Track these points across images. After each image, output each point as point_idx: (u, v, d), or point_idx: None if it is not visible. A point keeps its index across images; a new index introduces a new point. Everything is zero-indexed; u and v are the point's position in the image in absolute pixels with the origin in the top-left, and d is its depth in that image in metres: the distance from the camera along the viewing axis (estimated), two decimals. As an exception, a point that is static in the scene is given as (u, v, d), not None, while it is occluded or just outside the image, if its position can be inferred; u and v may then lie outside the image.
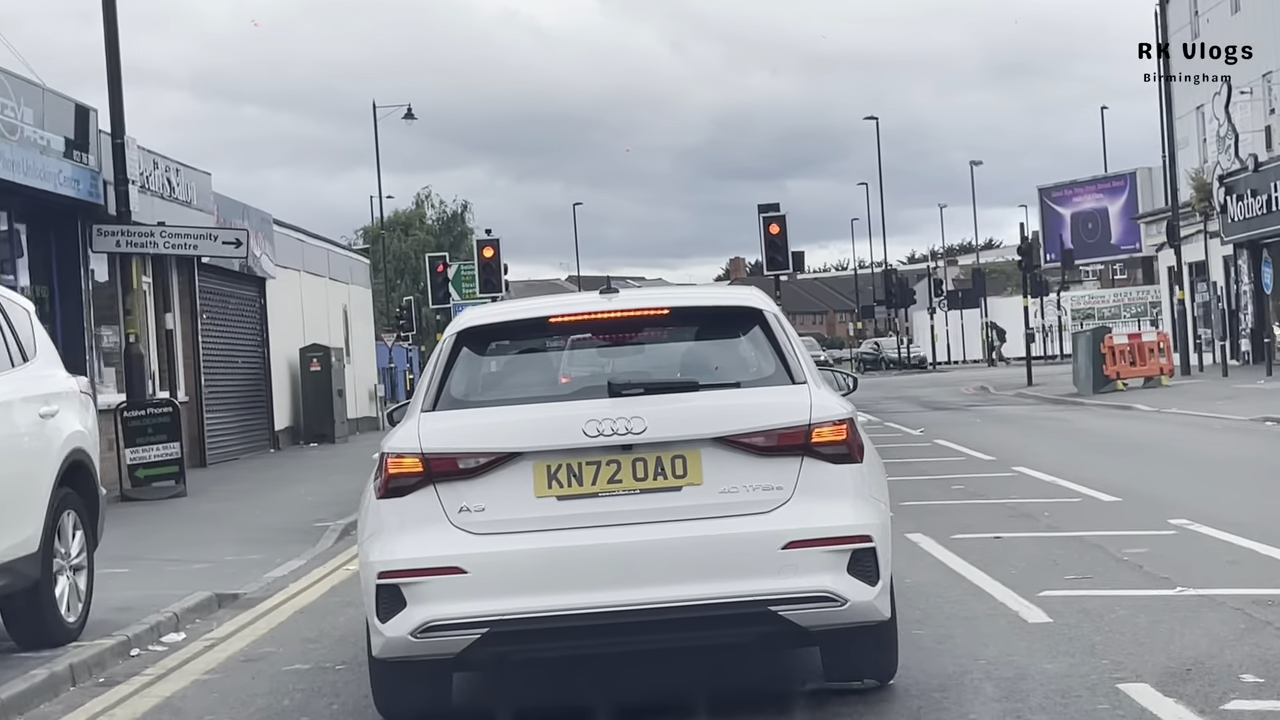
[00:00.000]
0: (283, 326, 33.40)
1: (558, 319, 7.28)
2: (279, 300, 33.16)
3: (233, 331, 30.45)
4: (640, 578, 6.44)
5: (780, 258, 40.09)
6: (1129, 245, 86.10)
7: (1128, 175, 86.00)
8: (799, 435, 6.60)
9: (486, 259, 41.02)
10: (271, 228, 32.41)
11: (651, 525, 6.50)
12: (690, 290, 10.44)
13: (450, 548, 6.50)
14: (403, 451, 6.67)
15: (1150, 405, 31.48)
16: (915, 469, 20.75)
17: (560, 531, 6.51)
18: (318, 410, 33.86)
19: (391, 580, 6.53)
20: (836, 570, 6.52)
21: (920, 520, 14.65)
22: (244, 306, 31.32)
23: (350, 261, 41.58)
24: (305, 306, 35.56)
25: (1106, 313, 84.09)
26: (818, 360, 9.24)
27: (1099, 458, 20.97)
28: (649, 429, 6.52)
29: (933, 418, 33.47)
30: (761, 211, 41.37)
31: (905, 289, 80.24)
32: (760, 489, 6.56)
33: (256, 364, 31.87)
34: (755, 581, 6.45)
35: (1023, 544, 12.92)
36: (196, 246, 21.93)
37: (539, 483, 6.54)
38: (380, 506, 6.70)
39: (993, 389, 48.29)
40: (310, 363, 33.87)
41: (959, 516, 14.95)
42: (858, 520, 6.60)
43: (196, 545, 16.08)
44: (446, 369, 7.02)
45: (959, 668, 8.00)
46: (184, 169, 25.90)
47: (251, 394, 31.28)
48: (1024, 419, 31.51)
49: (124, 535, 15.78)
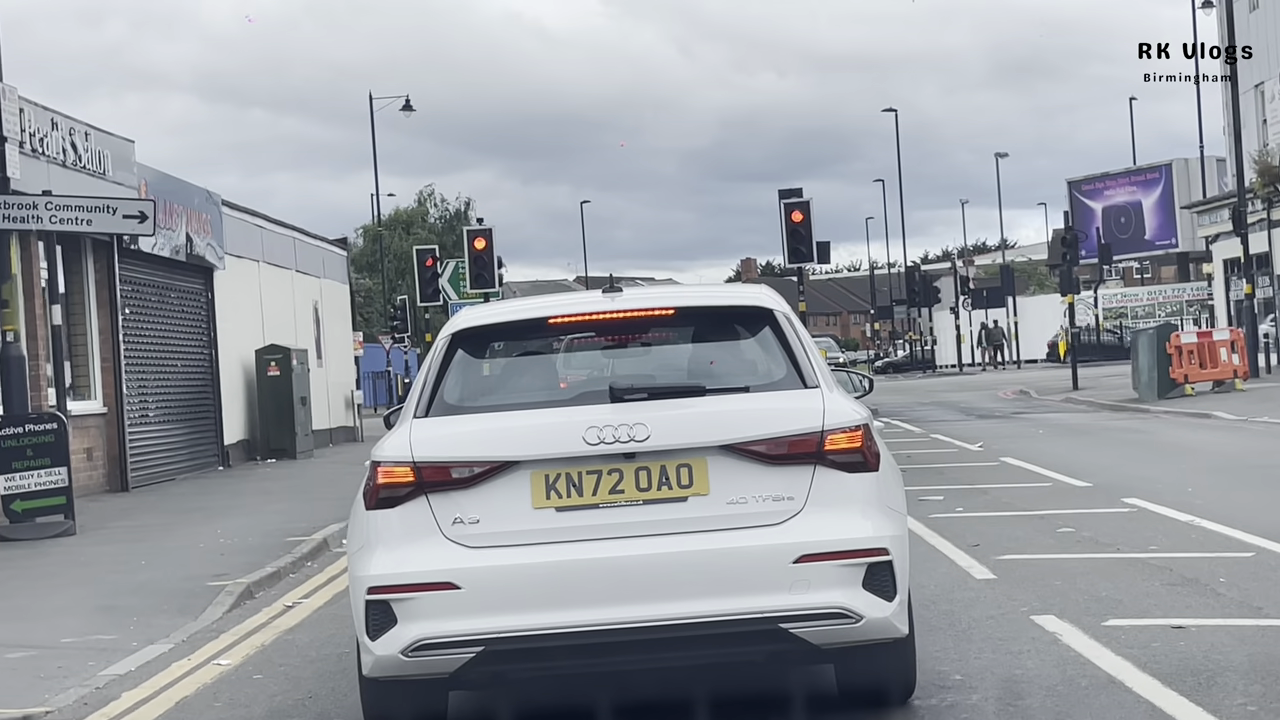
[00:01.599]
0: (236, 324, 29.03)
1: (558, 319, 7.09)
2: (231, 294, 28.81)
3: (169, 329, 26.04)
4: (643, 593, 6.25)
5: (804, 249, 36.30)
6: (1164, 240, 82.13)
7: (1163, 167, 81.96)
8: (811, 442, 6.41)
9: (478, 251, 37.10)
10: (219, 209, 28.04)
11: (655, 538, 6.34)
12: (697, 289, 9.31)
13: (443, 562, 6.33)
14: (393, 460, 6.48)
15: (1233, 413, 27.26)
16: (995, 499, 16.33)
17: (559, 545, 6.34)
18: (276, 421, 29.47)
19: (381, 596, 6.33)
20: (851, 585, 6.30)
21: (1046, 591, 10.31)
22: (185, 300, 26.92)
23: (323, 252, 37.16)
24: (265, 301, 31.19)
25: (1140, 312, 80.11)
26: (834, 363, 8.38)
27: (1230, 486, 16.56)
28: (653, 436, 6.36)
29: (984, 428, 29.09)
30: (783, 197, 37.55)
31: (929, 287, 75.86)
32: (770, 499, 6.39)
33: (201, 368, 27.48)
34: (765, 597, 6.25)
35: (1222, 639, 8.50)
36: (90, 221, 17.57)
37: (537, 493, 6.40)
38: (370, 518, 6.48)
39: (1035, 393, 44.50)
40: (267, 366, 29.49)
41: (1096, 584, 10.55)
42: (874, 532, 6.39)
43: (35, 617, 11.87)
44: (440, 373, 6.82)
45: None
46: (96, 132, 21.56)
47: (193, 403, 26.88)
48: (1092, 430, 27.08)
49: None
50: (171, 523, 18.07)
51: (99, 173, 21.29)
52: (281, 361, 29.52)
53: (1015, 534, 13.40)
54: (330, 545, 15.61)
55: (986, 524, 14.23)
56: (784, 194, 37.75)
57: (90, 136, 21.21)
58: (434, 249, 44.27)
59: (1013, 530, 13.66)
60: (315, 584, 13.25)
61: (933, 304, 76.85)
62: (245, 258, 30.10)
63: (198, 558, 14.62)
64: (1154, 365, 34.72)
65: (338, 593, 12.61)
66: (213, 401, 27.65)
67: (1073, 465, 19.48)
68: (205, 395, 27.45)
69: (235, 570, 13.48)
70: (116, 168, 22.01)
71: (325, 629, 10.86)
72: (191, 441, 26.58)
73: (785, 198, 37.13)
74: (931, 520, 14.58)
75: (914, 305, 77.63)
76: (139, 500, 21.38)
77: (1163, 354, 34.62)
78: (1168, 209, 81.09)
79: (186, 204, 25.91)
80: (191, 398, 26.80)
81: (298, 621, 11.34)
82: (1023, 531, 13.56)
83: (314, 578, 13.64)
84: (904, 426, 30.79)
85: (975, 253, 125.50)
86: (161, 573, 13.74)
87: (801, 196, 36.96)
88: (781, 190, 37.98)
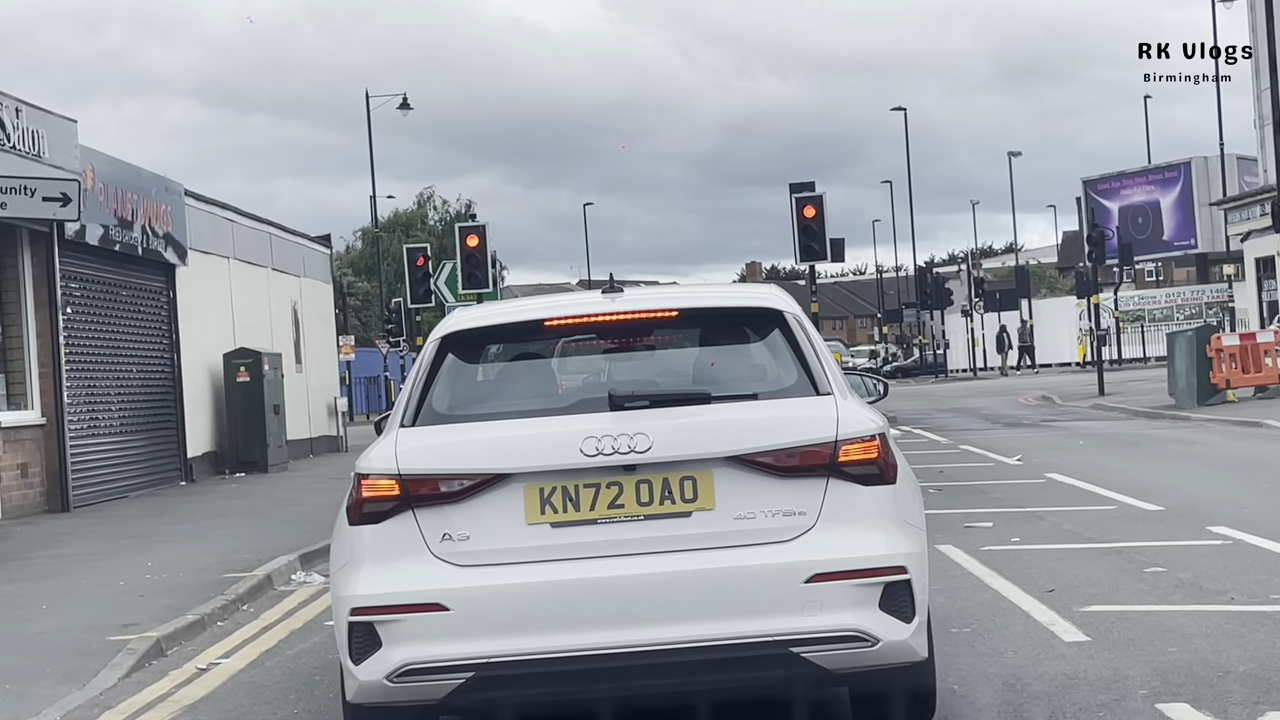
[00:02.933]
0: (202, 325, 26.67)
1: (554, 322, 6.73)
2: (197, 292, 26.44)
3: (122, 331, 23.64)
4: (644, 615, 5.93)
5: (817, 246, 34.26)
6: (1183, 241, 79.76)
7: (1181, 165, 79.65)
8: (824, 453, 6.08)
9: (471, 249, 34.79)
10: (182, 200, 25.66)
11: (657, 556, 6.00)
12: (703, 289, 8.66)
13: (430, 581, 6.01)
14: (377, 472, 6.15)
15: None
16: (1054, 526, 13.96)
17: (554, 563, 6.01)
18: (246, 431, 27.08)
19: (365, 617, 6.03)
20: (867, 606, 5.95)
21: (1163, 664, 7.96)
22: (142, 299, 24.52)
23: (303, 250, 34.76)
24: (237, 301, 28.83)
25: (1158, 314, 77.81)
26: (844, 367, 8.01)
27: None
28: (655, 447, 6.03)
29: (1017, 438, 26.72)
30: (794, 192, 35.34)
31: (941, 289, 73.47)
32: (780, 514, 6.03)
33: (160, 373, 25.08)
34: (774, 619, 5.90)
35: None
36: (4, 205, 15.15)
37: (530, 508, 6.07)
38: (353, 534, 6.17)
39: (1059, 399, 42.15)
40: (236, 371, 27.11)
41: (1225, 652, 8.20)
42: (891, 549, 6.03)
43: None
44: (429, 379, 6.49)
45: None
46: (30, 109, 19.18)
47: (151, 412, 24.48)
48: (1137, 440, 24.69)
49: None
50: (101, 552, 15.70)
51: (33, 154, 18.90)
52: (252, 366, 27.13)
53: (1093, 575, 11.04)
54: (275, 582, 13.29)
55: (1053, 560, 11.88)
56: (795, 188, 35.57)
57: (22, 113, 18.83)
58: (425, 248, 41.87)
59: (1089, 569, 11.30)
60: (243, 636, 10.92)
61: (945, 306, 74.43)
62: (213, 254, 27.73)
63: (112, 600, 12.27)
64: (1193, 369, 32.45)
65: (266, 650, 10.31)
66: (174, 410, 25.26)
67: (1131, 483, 17.16)
68: (165, 404, 25.07)
69: (150, 618, 11.16)
70: (54, 149, 19.62)
71: (236, 706, 8.55)
72: (150, 455, 24.20)
73: (797, 192, 34.99)
74: (986, 555, 12.24)
75: (925, 308, 75.21)
76: (77, 523, 19.01)
77: (1202, 357, 32.39)
78: (1186, 208, 78.81)
79: (142, 193, 23.55)
80: (149, 406, 24.41)
81: (205, 693, 9.02)
82: (1102, 571, 11.19)
83: (244, 627, 11.31)
84: (927, 436, 28.43)
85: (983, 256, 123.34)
86: (61, 620, 11.39)
87: (814, 191, 34.85)
88: (793, 184, 35.81)
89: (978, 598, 10.34)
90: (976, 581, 10.98)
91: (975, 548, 12.69)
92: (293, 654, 10.10)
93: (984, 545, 12.83)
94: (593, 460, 6.04)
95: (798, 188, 35.60)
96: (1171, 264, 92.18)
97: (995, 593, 10.49)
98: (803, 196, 34.49)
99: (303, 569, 14.06)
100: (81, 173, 20.57)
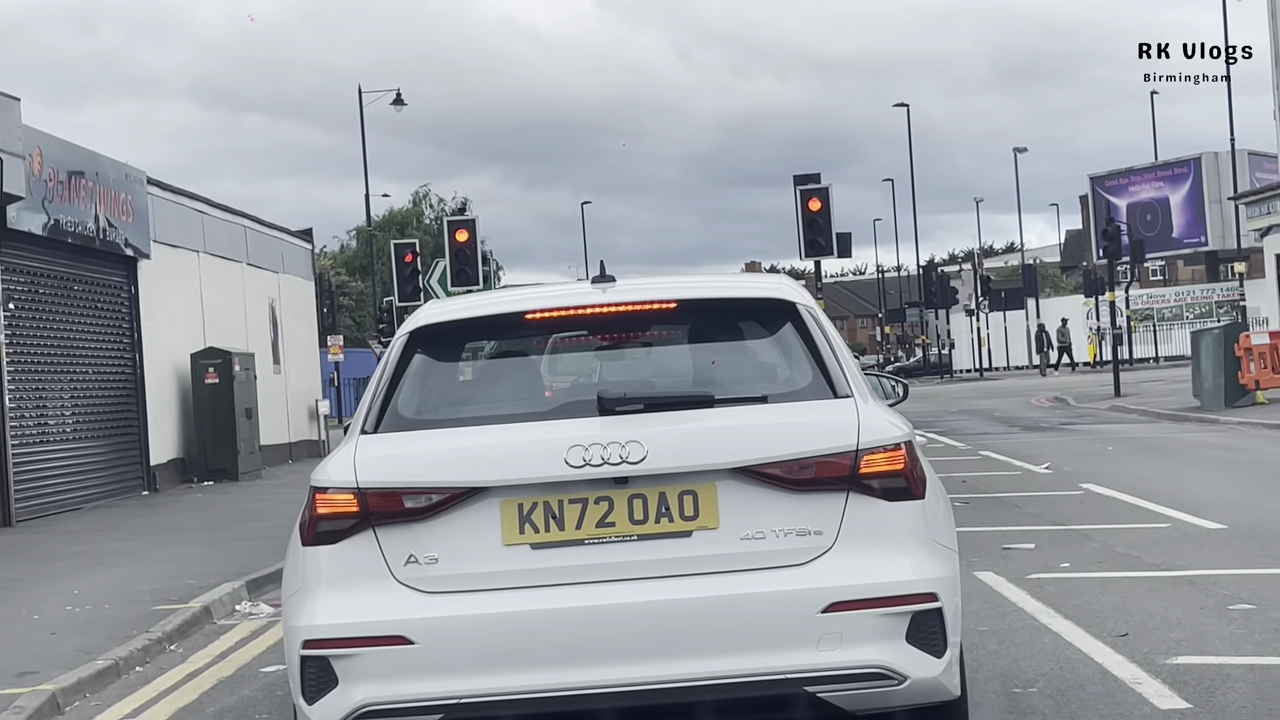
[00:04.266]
0: (168, 324, 24.93)
1: (537, 315, 6.04)
2: (162, 288, 24.71)
3: (75, 329, 21.87)
4: (637, 650, 5.28)
5: (822, 240, 32.77)
6: (1193, 238, 78.15)
7: (1191, 161, 78.00)
8: (844, 464, 5.41)
9: (460, 244, 33.37)
10: (144, 189, 23.90)
11: (652, 582, 5.34)
12: (705, 279, 6.97)
13: (394, 610, 5.36)
14: (334, 485, 5.50)
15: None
16: (1106, 548, 12.24)
17: (534, 590, 5.35)
18: (215, 436, 25.34)
19: (319, 651, 5.38)
20: (892, 639, 5.29)
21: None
22: (99, 294, 22.77)
23: (281, 244, 33.00)
24: (207, 298, 27.09)
25: (1167, 314, 76.25)
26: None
27: None
28: (650, 457, 5.38)
29: (1038, 442, 25.04)
30: (798, 184, 33.74)
31: (946, 288, 71.83)
32: (793, 534, 5.38)
33: (121, 375, 23.34)
34: (787, 654, 5.26)
35: None
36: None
37: (508, 526, 5.42)
38: (306, 555, 5.50)
39: (1073, 400, 40.59)
40: (205, 372, 25.36)
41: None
42: (919, 574, 5.37)
43: None
44: (394, 379, 5.85)
45: None
46: (-38, 84, 17.45)
47: (109, 416, 22.73)
48: (1170, 446, 22.98)
49: None
50: (24, 577, 13.95)
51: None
52: (221, 367, 25.39)
53: (1169, 613, 9.32)
54: (214, 615, 11.58)
55: (1116, 593, 10.16)
56: (799, 180, 34.02)
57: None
58: (414, 244, 40.31)
59: (1162, 606, 9.58)
60: (160, 687, 9.22)
61: (950, 305, 72.81)
62: (181, 247, 25.98)
63: (15, 640, 10.54)
64: (1220, 369, 30.88)
65: (183, 707, 8.63)
66: (136, 414, 23.52)
67: (1179, 496, 15.48)
68: (126, 407, 23.32)
69: (55, 664, 9.45)
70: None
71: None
72: (109, 462, 22.47)
73: (801, 184, 33.41)
74: (1036, 585, 10.53)
75: (930, 306, 73.57)
76: (14, 540, 17.27)
77: (1230, 357, 30.85)
78: (1196, 205, 77.24)
79: (99, 180, 21.81)
80: (107, 410, 22.67)
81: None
82: (1178, 609, 9.46)
83: (166, 674, 9.61)
84: (942, 440, 26.73)
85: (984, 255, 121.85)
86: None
87: (819, 183, 33.28)
88: (797, 176, 34.23)
89: (1037, 644, 8.62)
90: (1031, 622, 9.27)
91: (1020, 575, 10.99)
92: (214, 712, 8.40)
93: (1030, 572, 11.13)
94: (579, 472, 5.40)
95: (802, 179, 34.08)
96: (1179, 262, 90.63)
97: (1057, 637, 8.77)
98: (808, 189, 33.04)
99: (249, 598, 12.36)
100: (27, 155, 18.86)
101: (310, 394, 34.20)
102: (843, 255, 35.38)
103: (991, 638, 8.80)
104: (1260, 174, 73.42)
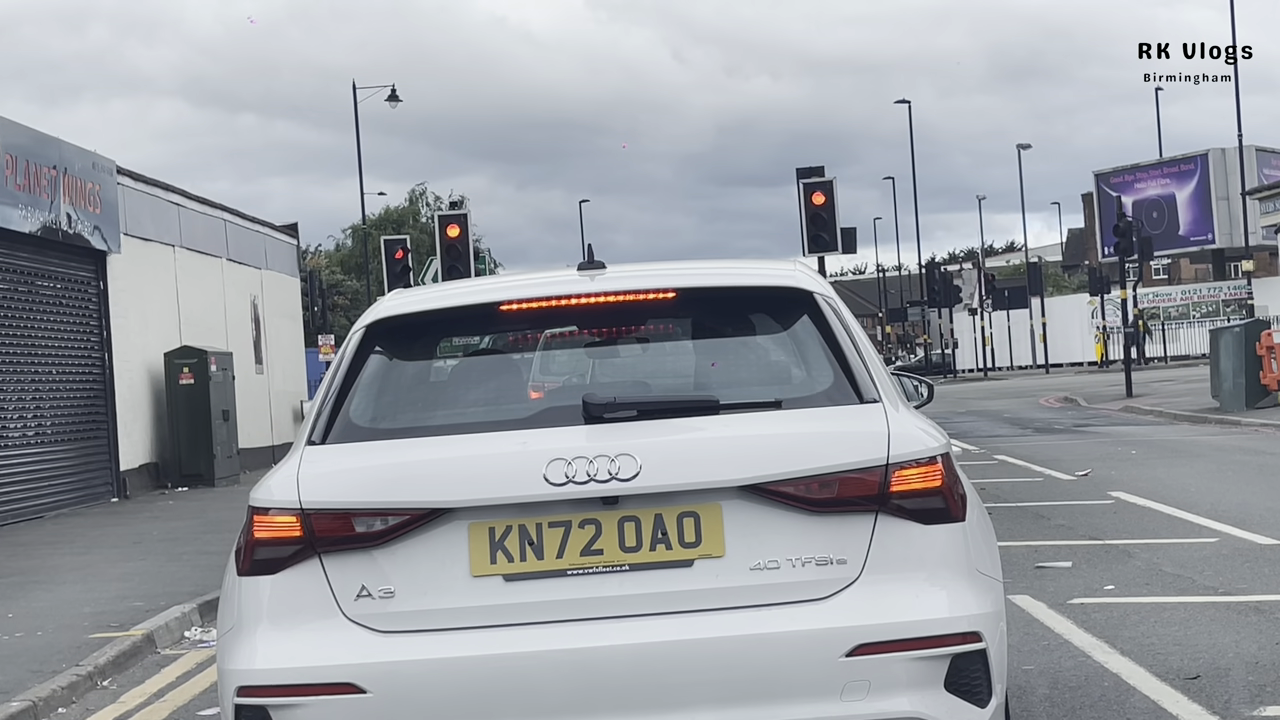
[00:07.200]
0: (140, 322, 23.75)
1: (513, 306, 5.27)
2: (133, 284, 23.53)
3: (36, 327, 20.68)
4: (629, 699, 4.62)
5: (827, 235, 31.59)
6: (1199, 236, 77.14)
7: (1198, 157, 77.02)
8: (871, 481, 4.73)
9: (452, 239, 32.20)
10: (113, 179, 22.71)
11: (647, 620, 4.66)
12: (709, 266, 5.93)
13: (342, 654, 4.68)
14: (276, 505, 4.76)
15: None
16: (1152, 567, 11.05)
17: (508, 629, 4.67)
18: (190, 439, 24.15)
19: (256, 699, 4.72)
20: (928, 686, 4.61)
21: None
22: (64, 290, 21.57)
23: (264, 239, 31.83)
24: (183, 295, 25.90)
25: (1173, 312, 75.20)
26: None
27: None
28: (644, 472, 4.68)
29: (1055, 446, 23.90)
30: (801, 177, 32.60)
31: (949, 286, 70.75)
32: (812, 564, 4.70)
33: (88, 375, 22.14)
34: (805, 705, 4.60)
35: None
36: None
37: (477, 554, 4.72)
38: (243, 587, 4.81)
39: (1083, 400, 39.69)
40: (179, 373, 24.17)
41: None
42: (959, 610, 4.68)
43: None
44: (347, 381, 5.10)
45: None
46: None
47: (75, 419, 21.54)
48: (1196, 450, 21.81)
49: None
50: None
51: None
52: (196, 367, 24.22)
53: (1242, 649, 8.11)
54: (157, 643, 10.39)
55: (1175, 623, 8.96)
56: (802, 173, 32.85)
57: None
58: (404, 240, 39.28)
59: (1232, 641, 8.37)
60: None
61: (954, 304, 71.77)
62: (155, 241, 24.81)
63: (-76, 676, 9.33)
64: (1240, 369, 29.81)
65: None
66: (105, 417, 22.35)
67: (1218, 506, 14.33)
68: (94, 409, 22.13)
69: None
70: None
71: None
72: (75, 468, 21.28)
73: (804, 177, 32.29)
74: (1080, 613, 9.35)
75: (933, 305, 72.51)
76: (-39, 553, 16.08)
77: (1251, 356, 29.81)
78: (1203, 202, 76.28)
79: (63, 169, 20.62)
80: (73, 413, 21.48)
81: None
82: (1251, 644, 8.26)
83: (92, 716, 8.41)
84: (954, 444, 25.49)
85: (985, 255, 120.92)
86: None
87: (823, 176, 32.17)
88: (800, 169, 33.02)
89: (1095, 689, 7.43)
90: (1084, 660, 8.07)
91: (1061, 600, 9.81)
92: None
93: (1071, 596, 9.95)
94: (561, 490, 4.72)
95: (805, 173, 32.92)
96: (1182, 261, 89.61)
97: (1117, 679, 7.58)
98: (811, 182, 31.88)
99: (201, 622, 11.17)
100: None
101: (295, 395, 33.02)
102: (848, 251, 34.35)
103: (1040, 680, 7.62)
104: (1269, 170, 72.37)
